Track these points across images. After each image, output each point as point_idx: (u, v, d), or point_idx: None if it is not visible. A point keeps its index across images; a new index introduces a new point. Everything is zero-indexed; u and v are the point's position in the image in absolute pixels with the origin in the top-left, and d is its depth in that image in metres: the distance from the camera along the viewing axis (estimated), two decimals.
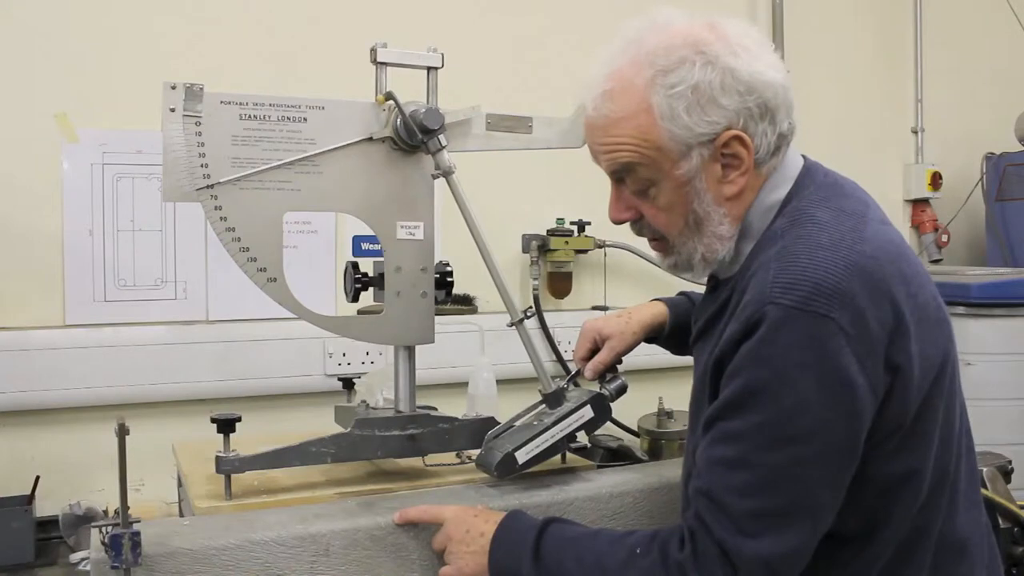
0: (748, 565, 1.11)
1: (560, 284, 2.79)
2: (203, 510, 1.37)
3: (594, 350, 1.57)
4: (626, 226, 1.32)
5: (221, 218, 1.41)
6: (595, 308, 2.86)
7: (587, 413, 1.47)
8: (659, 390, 2.52)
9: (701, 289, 1.45)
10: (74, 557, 1.99)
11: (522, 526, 1.28)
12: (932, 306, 1.20)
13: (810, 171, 1.28)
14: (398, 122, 1.48)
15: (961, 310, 2.76)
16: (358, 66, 1.63)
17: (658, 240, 1.31)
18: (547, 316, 2.70)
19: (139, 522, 1.16)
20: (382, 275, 1.53)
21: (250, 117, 1.43)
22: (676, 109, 1.18)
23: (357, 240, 2.50)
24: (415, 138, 1.47)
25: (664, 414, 2.49)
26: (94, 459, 2.20)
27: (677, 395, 2.17)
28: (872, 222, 1.20)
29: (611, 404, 1.51)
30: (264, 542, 1.24)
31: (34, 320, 2.24)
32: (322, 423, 1.72)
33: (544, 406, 1.49)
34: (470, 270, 1.65)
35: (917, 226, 3.59)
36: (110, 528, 1.16)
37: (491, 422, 1.54)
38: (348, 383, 1.75)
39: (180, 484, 1.66)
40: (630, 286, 2.90)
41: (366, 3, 2.58)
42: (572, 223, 2.74)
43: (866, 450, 1.14)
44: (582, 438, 1.65)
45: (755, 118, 1.19)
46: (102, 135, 2.29)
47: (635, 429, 2.55)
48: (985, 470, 1.74)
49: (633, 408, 2.37)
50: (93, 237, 2.29)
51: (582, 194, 2.62)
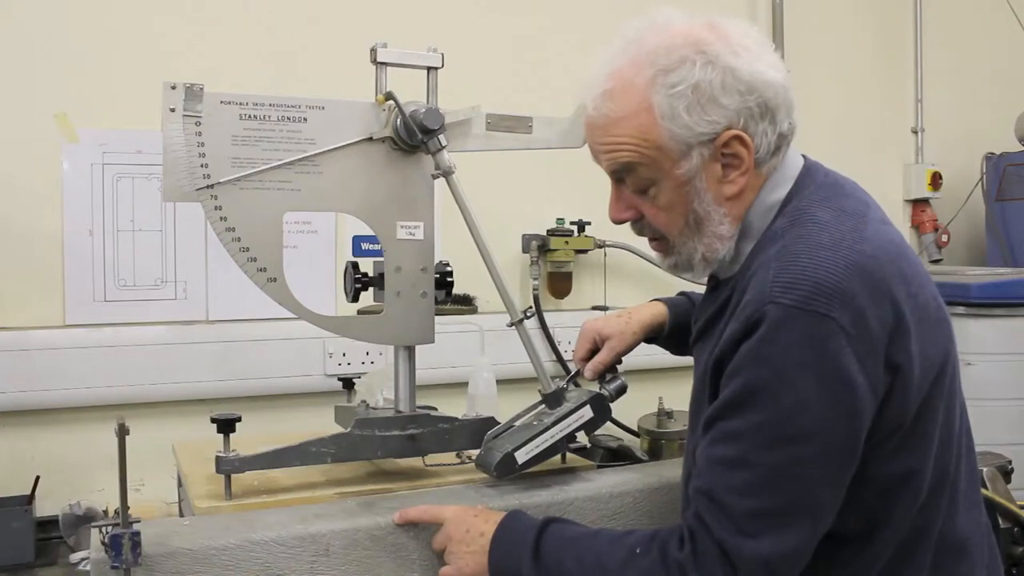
0: (748, 565, 1.11)
1: (560, 284, 2.79)
2: (203, 510, 1.37)
3: (594, 350, 1.57)
4: (626, 226, 1.32)
5: (221, 218, 1.41)
6: (595, 308, 2.85)
7: (587, 413, 1.47)
8: (659, 390, 2.52)
9: (701, 289, 1.45)
10: (74, 557, 1.99)
11: (522, 526, 1.28)
12: (932, 306, 1.20)
13: (810, 171, 1.28)
14: (398, 122, 1.48)
15: (961, 310, 2.76)
16: (358, 66, 1.63)
17: (658, 240, 1.31)
18: (547, 316, 2.70)
19: (139, 522, 1.16)
20: (382, 275, 1.53)
21: (250, 117, 1.43)
22: (676, 108, 1.18)
23: (357, 240, 2.50)
24: (415, 138, 1.47)
25: (664, 414, 2.49)
26: (94, 459, 2.20)
27: (677, 395, 2.18)
28: (872, 222, 1.20)
29: (611, 404, 1.51)
30: (264, 542, 1.24)
31: (34, 320, 2.24)
32: (322, 423, 1.72)
33: (544, 406, 1.49)
34: (470, 270, 1.65)
35: (917, 226, 3.59)
36: (110, 528, 1.16)
37: (491, 422, 1.54)
38: (348, 383, 1.75)
39: (180, 484, 1.65)
40: (630, 286, 2.90)
41: (366, 3, 2.58)
42: (572, 223, 2.74)
43: (866, 450, 1.14)
44: (582, 438, 1.64)
45: (755, 118, 1.19)
46: (102, 135, 2.29)
47: (635, 429, 2.55)
48: (985, 470, 1.74)
49: (633, 408, 2.37)
50: (93, 237, 2.29)
51: (582, 194, 2.62)
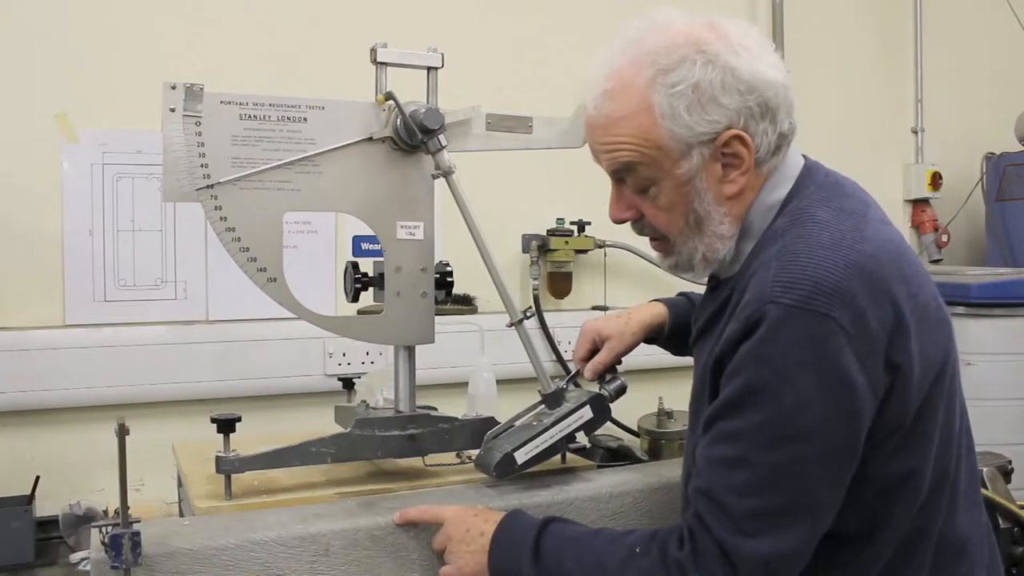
0: (748, 565, 1.11)
1: (560, 284, 2.79)
2: (203, 510, 1.37)
3: (594, 351, 1.57)
4: (626, 226, 1.32)
5: (221, 218, 1.41)
6: (595, 308, 2.85)
7: (586, 414, 1.46)
8: (659, 390, 2.52)
9: (701, 289, 1.45)
10: (74, 557, 1.99)
11: (522, 526, 1.28)
12: (932, 306, 1.20)
13: (811, 171, 1.28)
14: (398, 122, 1.48)
15: (961, 310, 2.76)
16: (358, 66, 1.63)
17: (659, 240, 1.31)
18: (547, 316, 2.70)
19: (139, 522, 1.16)
20: (382, 275, 1.53)
21: (250, 117, 1.43)
22: (677, 108, 1.18)
23: (357, 240, 2.50)
24: (415, 138, 1.47)
25: (664, 414, 2.49)
26: (94, 459, 2.20)
27: (677, 395, 2.17)
28: (872, 222, 1.20)
29: (610, 405, 1.51)
30: (264, 542, 1.24)
31: (34, 320, 2.24)
32: (322, 423, 1.72)
33: (543, 406, 1.49)
34: (470, 270, 1.65)
35: (917, 226, 3.59)
36: (110, 528, 1.16)
37: (491, 422, 1.54)
38: (348, 383, 1.75)
39: (180, 484, 1.65)
40: (630, 286, 2.90)
41: (366, 3, 2.58)
42: (572, 223, 2.74)
43: (866, 450, 1.14)
44: (581, 438, 1.64)
45: (756, 117, 1.19)
46: (102, 135, 2.29)
47: (635, 429, 2.55)
48: (985, 470, 1.74)
49: (633, 408, 2.37)
50: (93, 237, 2.29)
51: (582, 194, 2.62)
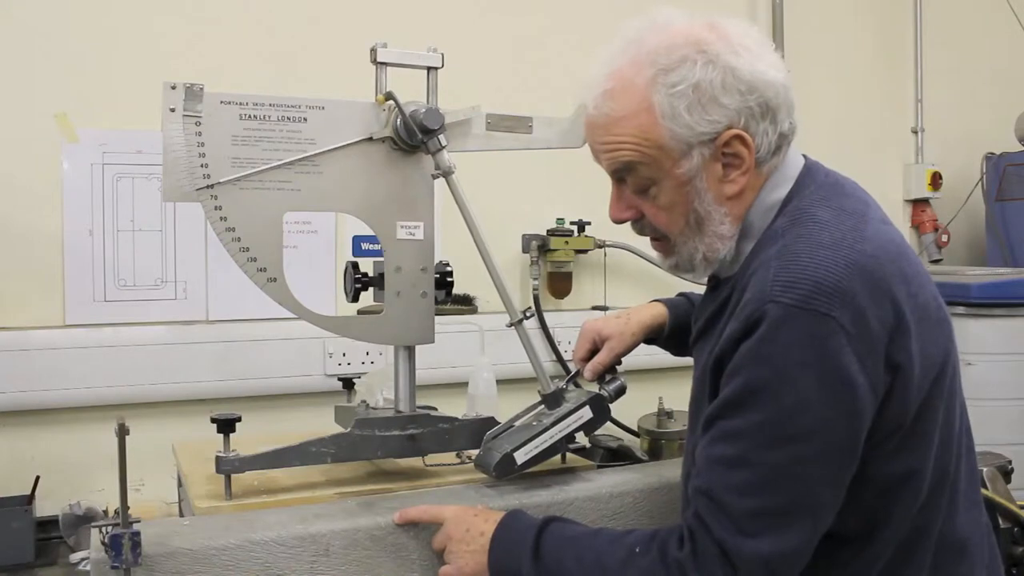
0: (748, 565, 1.11)
1: (560, 284, 2.79)
2: (203, 510, 1.37)
3: (593, 351, 1.57)
4: (626, 226, 1.32)
5: (221, 218, 1.41)
6: (595, 308, 2.85)
7: (586, 414, 1.46)
8: (659, 390, 2.52)
9: (701, 290, 1.45)
10: (74, 557, 1.99)
11: (522, 525, 1.28)
12: (933, 306, 1.20)
13: (811, 171, 1.28)
14: (398, 122, 1.48)
15: (961, 310, 2.76)
16: (358, 66, 1.63)
17: (660, 240, 1.31)
18: (547, 316, 2.70)
19: (139, 522, 1.16)
20: (382, 275, 1.53)
21: (250, 117, 1.43)
22: (677, 108, 1.18)
23: (357, 240, 2.50)
24: (415, 138, 1.47)
25: (664, 414, 2.49)
26: (94, 459, 2.20)
27: (677, 395, 2.17)
28: (873, 221, 1.20)
29: (610, 405, 1.51)
30: (264, 542, 1.24)
31: (34, 320, 2.24)
32: (322, 423, 1.72)
33: (543, 407, 1.49)
34: (470, 270, 1.65)
35: (917, 226, 3.59)
36: (110, 528, 1.16)
37: (491, 422, 1.54)
38: (348, 383, 1.75)
39: (180, 484, 1.65)
40: (630, 286, 2.90)
41: (366, 3, 2.58)
42: (572, 223, 2.74)
43: (866, 450, 1.13)
44: (581, 439, 1.64)
45: (756, 117, 1.19)
46: (102, 135, 2.29)
47: (635, 429, 2.55)
48: (985, 470, 1.74)
49: (633, 408, 2.37)
50: (93, 237, 2.29)
51: (582, 194, 2.62)
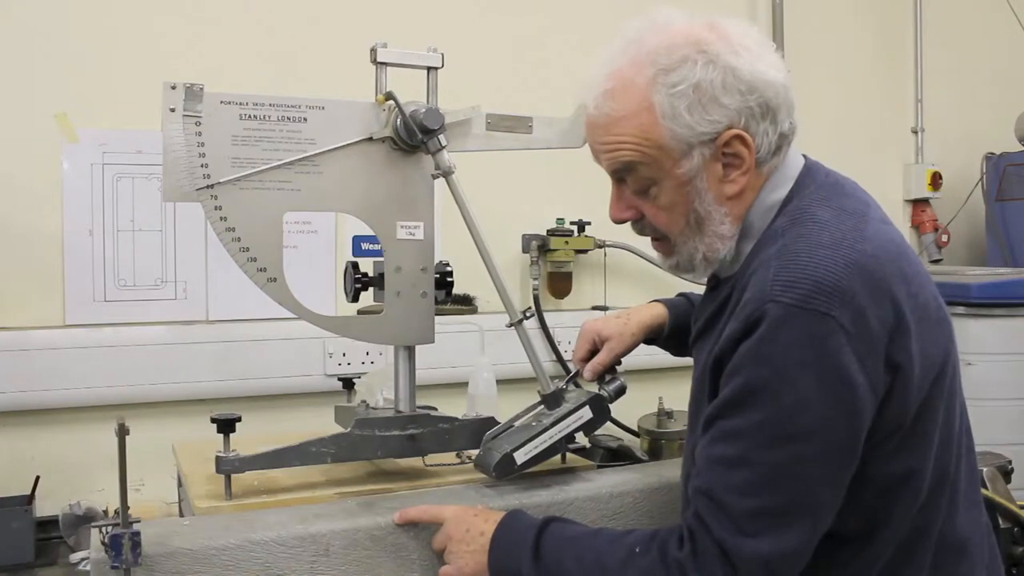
0: (748, 565, 1.11)
1: (560, 284, 2.79)
2: (203, 510, 1.37)
3: (593, 351, 1.57)
4: (626, 226, 1.32)
5: (221, 218, 1.41)
6: (595, 308, 2.85)
7: (586, 414, 1.46)
8: (659, 390, 2.52)
9: (701, 290, 1.45)
10: (74, 557, 1.99)
11: (522, 525, 1.28)
12: (933, 306, 1.20)
13: (811, 171, 1.28)
14: (398, 122, 1.48)
15: (961, 310, 2.76)
16: (358, 66, 1.63)
17: (660, 240, 1.31)
18: (547, 316, 2.70)
19: (139, 522, 1.16)
20: (382, 275, 1.53)
21: (250, 117, 1.43)
22: (678, 108, 1.18)
23: (357, 240, 2.50)
24: (415, 138, 1.47)
25: (664, 414, 2.49)
26: (94, 459, 2.20)
27: (677, 395, 2.17)
28: (873, 221, 1.20)
29: (610, 405, 1.51)
30: (264, 542, 1.24)
31: (34, 320, 2.24)
32: (322, 423, 1.72)
33: (543, 407, 1.49)
34: (470, 270, 1.65)
35: (917, 226, 3.59)
36: (110, 528, 1.16)
37: (491, 422, 1.54)
38: (348, 383, 1.75)
39: (180, 484, 1.65)
40: (630, 286, 2.90)
41: (366, 3, 2.58)
42: (572, 223, 2.74)
43: (866, 450, 1.13)
44: (581, 439, 1.64)
45: (756, 117, 1.19)
46: (102, 135, 2.29)
47: (635, 429, 2.55)
48: (985, 470, 1.74)
49: (633, 408, 2.37)
50: (93, 237, 2.29)
51: (582, 194, 2.62)
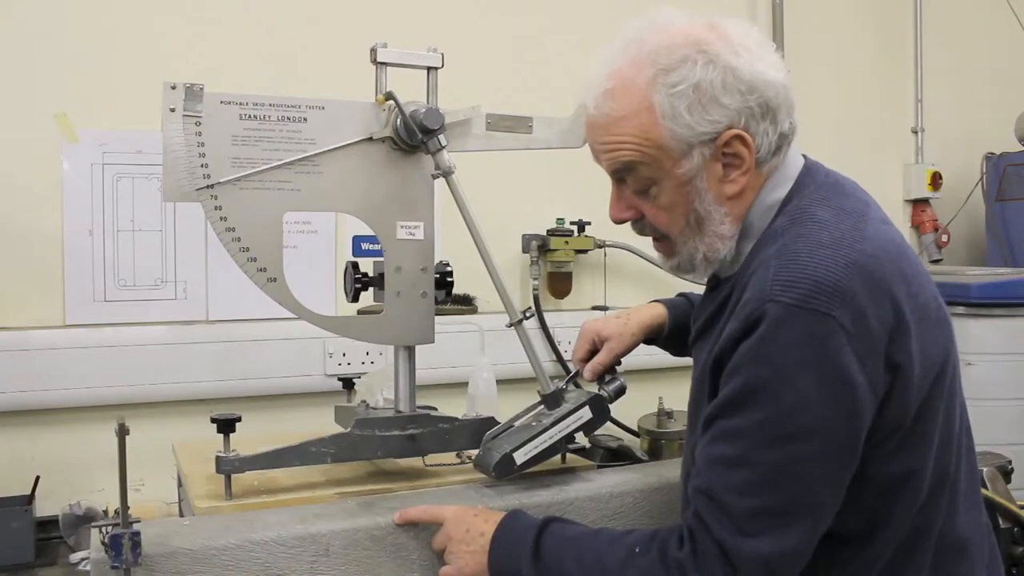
0: (748, 565, 1.11)
1: (560, 284, 2.79)
2: (203, 510, 1.37)
3: (593, 351, 1.57)
4: (626, 226, 1.32)
5: (221, 218, 1.41)
6: (595, 308, 2.85)
7: (585, 414, 1.46)
8: (659, 390, 2.52)
9: (701, 290, 1.45)
10: (74, 557, 1.99)
11: (522, 525, 1.28)
12: (933, 306, 1.20)
13: (811, 171, 1.28)
14: (398, 122, 1.48)
15: (961, 310, 2.76)
16: (358, 66, 1.63)
17: (662, 240, 1.31)
18: (547, 316, 2.70)
19: (139, 522, 1.16)
20: (382, 275, 1.53)
21: (250, 117, 1.43)
22: (678, 108, 1.18)
23: (357, 240, 2.50)
24: (415, 138, 1.47)
25: (664, 414, 2.49)
26: (94, 459, 2.20)
27: (677, 395, 2.17)
28: (873, 221, 1.20)
29: (610, 405, 1.50)
30: (264, 542, 1.24)
31: (34, 320, 2.24)
32: (322, 423, 1.72)
33: (543, 407, 1.49)
34: (470, 270, 1.65)
35: (917, 226, 3.59)
36: (110, 528, 1.16)
37: (491, 422, 1.54)
38: (348, 383, 1.75)
39: (180, 484, 1.65)
40: (630, 286, 2.90)
41: (366, 3, 2.58)
42: (572, 223, 2.74)
43: (866, 450, 1.13)
44: (581, 439, 1.64)
45: (756, 117, 1.19)
46: (102, 135, 2.29)
47: (635, 429, 2.55)
48: (985, 470, 1.74)
49: (633, 408, 2.37)
50: (93, 237, 2.29)
51: (582, 194, 2.62)
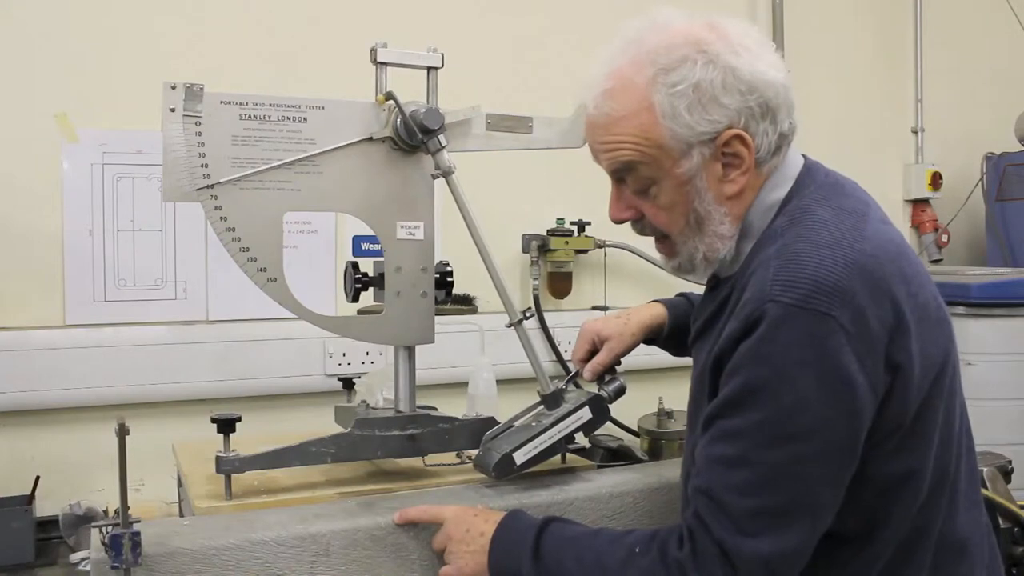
0: (747, 565, 1.11)
1: (560, 284, 2.79)
2: (203, 510, 1.37)
3: (593, 351, 1.57)
4: (626, 226, 1.32)
5: (221, 218, 1.41)
6: (595, 308, 2.85)
7: (585, 415, 1.46)
8: (659, 390, 2.52)
9: (700, 290, 1.45)
10: (74, 557, 1.99)
11: (522, 525, 1.28)
12: (933, 306, 1.20)
13: (810, 170, 1.28)
14: (398, 122, 1.48)
15: (961, 310, 2.76)
16: (358, 66, 1.63)
17: (663, 240, 1.31)
18: (547, 316, 2.70)
19: (139, 522, 1.16)
20: (382, 275, 1.53)
21: (250, 117, 1.43)
22: (677, 108, 1.18)
23: (357, 240, 2.50)
24: (415, 138, 1.47)
25: (664, 414, 2.49)
26: (94, 459, 2.20)
27: (677, 395, 2.17)
28: (873, 221, 1.20)
29: (609, 406, 1.50)
30: (264, 542, 1.24)
31: (34, 320, 2.24)
32: (322, 423, 1.72)
33: (543, 407, 1.49)
34: (470, 270, 1.65)
35: (917, 226, 3.59)
36: (110, 528, 1.16)
37: (491, 422, 1.54)
38: (348, 383, 1.75)
39: (180, 484, 1.65)
40: (630, 286, 2.90)
41: (366, 3, 2.58)
42: (572, 223, 2.74)
43: (866, 450, 1.13)
44: (581, 439, 1.64)
45: (756, 117, 1.20)
46: (102, 135, 2.29)
47: (635, 429, 2.55)
48: (985, 470, 1.74)
49: (633, 408, 2.37)
50: (93, 237, 2.29)
51: (582, 194, 2.62)
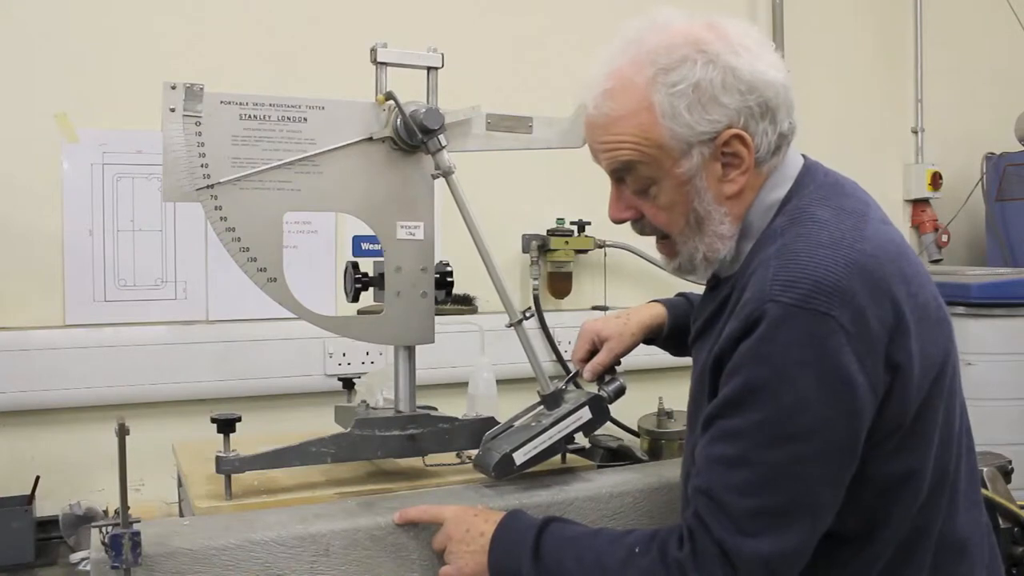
0: (747, 565, 1.11)
1: (560, 284, 2.79)
2: (203, 510, 1.37)
3: (593, 351, 1.57)
4: (626, 226, 1.32)
5: (221, 218, 1.41)
6: (595, 308, 2.85)
7: (585, 415, 1.46)
8: (659, 390, 2.52)
9: (700, 290, 1.45)
10: (74, 557, 1.99)
11: (522, 525, 1.28)
12: (932, 306, 1.20)
13: (810, 170, 1.28)
14: (398, 122, 1.48)
15: (961, 310, 2.76)
16: (358, 66, 1.63)
17: (663, 240, 1.31)
18: (547, 316, 2.70)
19: (139, 522, 1.16)
20: (382, 275, 1.53)
21: (250, 117, 1.43)
22: (677, 107, 1.18)
23: (357, 240, 2.51)
24: (415, 138, 1.47)
25: (664, 414, 2.49)
26: (94, 459, 2.20)
27: (677, 395, 2.17)
28: (873, 221, 1.20)
29: (609, 406, 1.50)
30: (264, 542, 1.24)
31: (34, 320, 2.24)
32: (322, 423, 1.72)
33: (542, 407, 1.49)
34: (470, 270, 1.65)
35: (917, 226, 3.59)
36: (110, 528, 1.16)
37: (491, 422, 1.54)
38: (348, 383, 1.75)
39: (180, 484, 1.65)
40: (630, 286, 2.90)
41: (366, 3, 2.58)
42: (572, 223, 2.74)
43: (866, 450, 1.13)
44: (581, 439, 1.65)
45: (756, 117, 1.20)
46: (102, 135, 2.29)
47: (635, 429, 2.55)
48: (985, 470, 1.74)
49: (633, 408, 2.37)
50: (93, 237, 2.29)
51: (582, 194, 2.62)
